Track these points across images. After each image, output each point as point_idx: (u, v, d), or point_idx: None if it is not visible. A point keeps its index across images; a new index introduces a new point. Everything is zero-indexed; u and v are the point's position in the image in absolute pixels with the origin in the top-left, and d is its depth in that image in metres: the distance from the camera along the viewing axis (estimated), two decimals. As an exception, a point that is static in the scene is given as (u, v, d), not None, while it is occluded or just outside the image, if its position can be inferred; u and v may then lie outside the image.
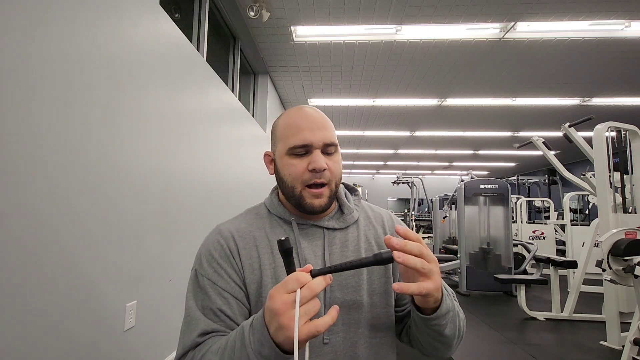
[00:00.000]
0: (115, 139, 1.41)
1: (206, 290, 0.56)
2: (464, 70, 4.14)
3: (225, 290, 0.56)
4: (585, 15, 2.99)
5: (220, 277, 0.57)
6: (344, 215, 0.64)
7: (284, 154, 0.59)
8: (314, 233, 0.62)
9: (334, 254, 0.61)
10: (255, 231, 0.61)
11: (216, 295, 0.55)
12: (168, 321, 1.86)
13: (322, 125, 0.59)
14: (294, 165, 0.58)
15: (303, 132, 0.57)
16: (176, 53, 1.98)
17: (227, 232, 0.61)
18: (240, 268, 0.58)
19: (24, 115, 0.99)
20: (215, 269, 0.57)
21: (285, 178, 0.59)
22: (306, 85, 4.84)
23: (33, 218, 1.02)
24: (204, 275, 0.57)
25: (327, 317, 0.43)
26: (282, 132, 0.60)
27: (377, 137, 7.79)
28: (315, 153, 0.57)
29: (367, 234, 0.64)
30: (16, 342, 0.96)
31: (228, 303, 0.55)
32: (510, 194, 4.52)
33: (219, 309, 0.54)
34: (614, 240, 2.18)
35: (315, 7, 2.93)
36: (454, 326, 0.54)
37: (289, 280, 0.42)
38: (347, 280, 0.59)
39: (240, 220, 0.64)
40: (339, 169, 0.60)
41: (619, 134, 2.89)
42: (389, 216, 0.70)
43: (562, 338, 2.82)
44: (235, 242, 0.59)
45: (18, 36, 0.97)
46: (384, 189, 13.95)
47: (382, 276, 0.62)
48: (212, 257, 0.58)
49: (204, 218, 2.35)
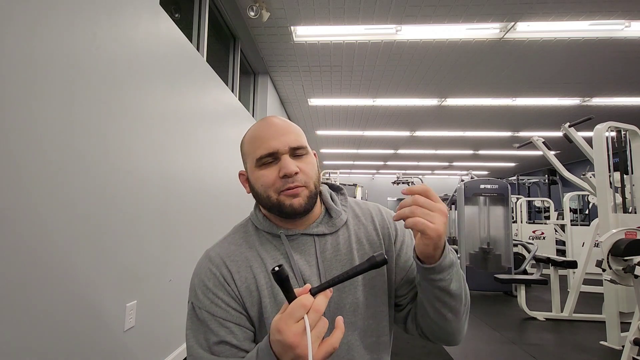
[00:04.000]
0: (115, 138, 1.41)
1: (207, 324, 0.54)
2: (464, 70, 4.14)
3: (225, 319, 0.54)
4: (585, 15, 2.99)
5: (218, 308, 0.55)
6: (332, 219, 0.63)
7: (254, 168, 0.58)
8: (305, 243, 0.60)
9: (327, 260, 0.60)
10: (246, 251, 0.60)
11: (218, 326, 0.54)
12: (168, 321, 1.86)
13: (285, 131, 0.57)
14: (265, 176, 0.56)
15: (268, 141, 0.56)
16: (176, 53, 1.98)
17: (218, 258, 0.59)
18: (238, 294, 0.56)
19: (25, 115, 0.99)
20: (211, 300, 0.55)
21: (260, 190, 0.57)
22: (306, 85, 4.84)
23: (33, 218, 1.02)
24: (201, 308, 0.55)
25: (337, 331, 0.43)
26: (249, 147, 0.59)
27: (377, 137, 7.79)
28: (284, 158, 0.56)
29: (357, 234, 0.64)
30: (16, 342, 0.96)
31: (232, 332, 0.54)
32: (510, 194, 4.51)
33: (223, 341, 0.53)
34: (614, 240, 2.18)
35: (315, 7, 2.93)
36: (459, 284, 0.54)
37: (295, 309, 0.41)
38: (343, 283, 0.59)
39: (230, 242, 0.62)
40: (314, 170, 0.59)
41: (619, 134, 2.89)
42: (378, 210, 0.68)
43: (562, 338, 2.82)
44: (228, 267, 0.57)
45: (18, 36, 0.97)
46: (384, 189, 13.94)
47: (376, 274, 0.62)
48: (207, 287, 0.56)
49: (204, 218, 2.35)
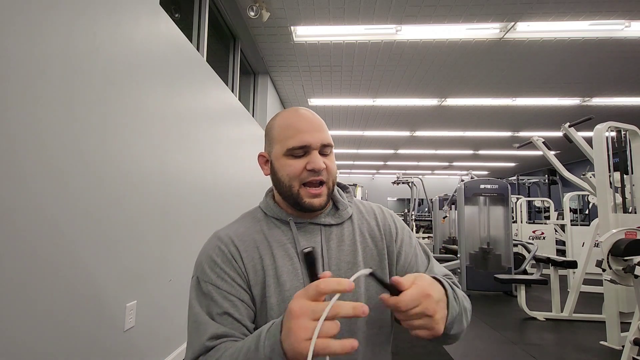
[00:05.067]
0: (115, 138, 1.41)
1: (211, 296, 0.55)
2: (464, 70, 4.14)
3: (230, 293, 0.55)
4: (585, 15, 3.00)
5: (224, 282, 0.56)
6: (339, 211, 0.66)
7: (281, 155, 0.60)
8: (312, 230, 0.63)
9: (332, 249, 0.63)
10: (255, 234, 0.62)
11: (222, 299, 0.55)
12: (168, 321, 1.86)
13: (319, 127, 0.61)
14: (292, 166, 0.59)
15: (302, 134, 0.59)
16: (176, 53, 1.98)
17: (227, 237, 0.61)
18: (244, 271, 0.58)
19: (25, 115, 0.99)
20: (218, 274, 0.56)
21: (283, 178, 0.60)
22: (306, 85, 4.84)
23: (34, 218, 1.02)
24: (207, 282, 0.56)
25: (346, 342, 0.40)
26: (279, 134, 0.61)
27: (377, 137, 7.79)
28: (314, 154, 0.59)
29: (361, 228, 0.67)
30: (16, 342, 0.96)
31: (235, 306, 0.55)
32: (510, 194, 4.51)
33: (226, 312, 0.54)
34: (614, 240, 2.18)
35: (315, 7, 2.93)
36: (459, 326, 0.54)
37: (310, 287, 0.42)
38: (346, 273, 0.61)
39: (238, 225, 0.64)
40: (335, 168, 0.63)
41: (619, 134, 2.89)
42: (380, 209, 0.72)
43: (562, 338, 2.82)
44: (236, 246, 0.59)
45: (19, 36, 0.97)
46: (384, 189, 13.95)
47: (377, 267, 0.64)
48: (214, 262, 0.58)
49: (204, 218, 2.35)
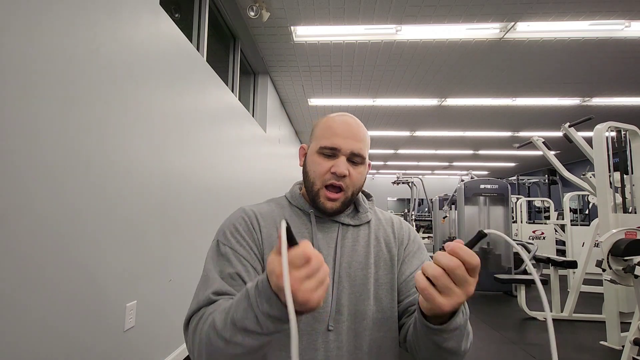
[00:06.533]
0: (115, 138, 1.41)
1: (227, 257, 0.58)
2: (464, 70, 4.14)
3: (245, 258, 0.59)
4: (585, 15, 2.99)
5: (242, 247, 0.60)
6: (359, 214, 0.69)
7: (314, 152, 0.65)
8: (330, 226, 0.66)
9: (345, 247, 0.64)
10: (277, 216, 0.66)
11: (237, 261, 0.58)
12: (168, 321, 1.86)
13: (355, 135, 0.64)
14: (320, 165, 0.63)
15: (335, 137, 0.63)
16: (176, 53, 1.98)
17: (251, 211, 0.65)
18: (261, 243, 0.62)
19: (25, 115, 0.99)
20: (237, 240, 0.60)
21: (310, 174, 0.65)
22: (306, 85, 4.84)
23: (33, 218, 1.02)
24: (226, 245, 0.60)
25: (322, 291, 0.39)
26: (319, 132, 0.66)
27: (377, 137, 7.78)
28: (341, 159, 0.62)
29: (377, 234, 0.69)
30: (16, 342, 0.97)
31: (247, 270, 0.58)
32: (510, 194, 4.52)
33: (237, 274, 0.57)
34: (614, 240, 2.18)
35: (315, 7, 2.93)
36: (457, 344, 0.50)
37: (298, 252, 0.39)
38: (356, 272, 0.62)
39: (263, 206, 0.69)
40: (360, 180, 0.65)
41: (619, 134, 2.89)
42: (399, 220, 0.74)
43: (562, 338, 2.82)
44: (258, 220, 0.64)
45: (19, 36, 0.97)
46: (384, 189, 13.94)
47: (388, 272, 0.65)
48: (236, 229, 0.62)
49: (204, 218, 2.35)
